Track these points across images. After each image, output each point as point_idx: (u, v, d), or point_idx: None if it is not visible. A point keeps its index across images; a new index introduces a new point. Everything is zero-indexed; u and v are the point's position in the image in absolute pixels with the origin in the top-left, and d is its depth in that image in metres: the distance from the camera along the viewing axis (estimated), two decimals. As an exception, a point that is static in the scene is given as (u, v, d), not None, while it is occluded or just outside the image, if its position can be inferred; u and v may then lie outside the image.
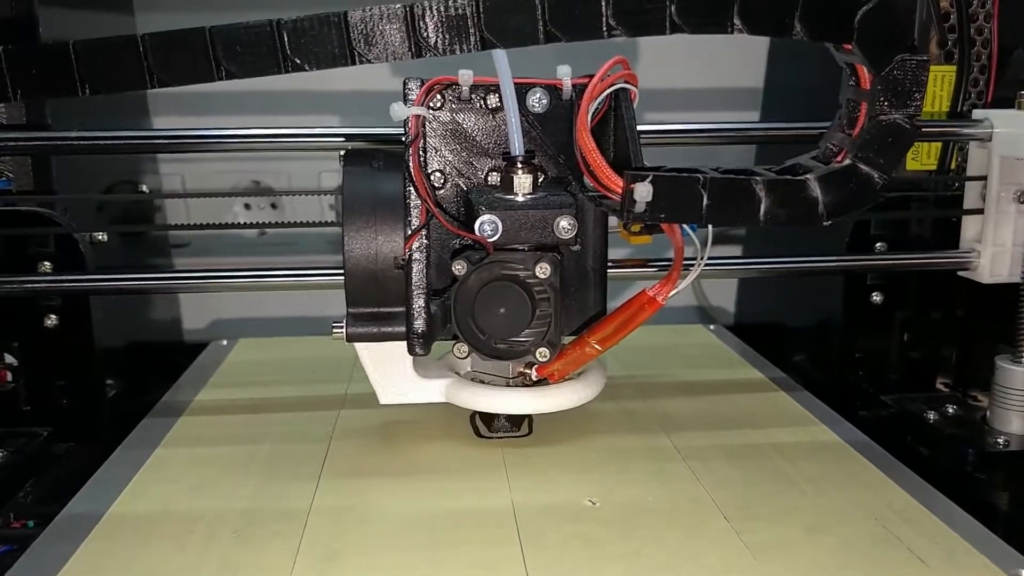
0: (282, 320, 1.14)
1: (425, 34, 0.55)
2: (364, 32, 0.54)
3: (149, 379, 0.91)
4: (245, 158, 1.13)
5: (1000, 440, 0.72)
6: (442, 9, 0.54)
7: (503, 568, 0.51)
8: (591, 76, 0.63)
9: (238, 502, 0.60)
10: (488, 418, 0.69)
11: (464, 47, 0.55)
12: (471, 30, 0.55)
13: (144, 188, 1.05)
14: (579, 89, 0.64)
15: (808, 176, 0.58)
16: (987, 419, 0.75)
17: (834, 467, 0.65)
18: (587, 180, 0.62)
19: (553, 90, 0.65)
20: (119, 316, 0.90)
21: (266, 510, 0.58)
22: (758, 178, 0.58)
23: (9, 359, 0.80)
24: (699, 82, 1.17)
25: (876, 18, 0.56)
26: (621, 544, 0.54)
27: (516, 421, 0.70)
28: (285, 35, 0.54)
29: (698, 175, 0.57)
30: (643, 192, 0.56)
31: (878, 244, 0.86)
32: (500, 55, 0.61)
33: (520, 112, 0.64)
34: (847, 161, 0.59)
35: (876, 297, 0.87)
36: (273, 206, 1.19)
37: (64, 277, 0.76)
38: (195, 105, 1.07)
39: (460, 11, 0.54)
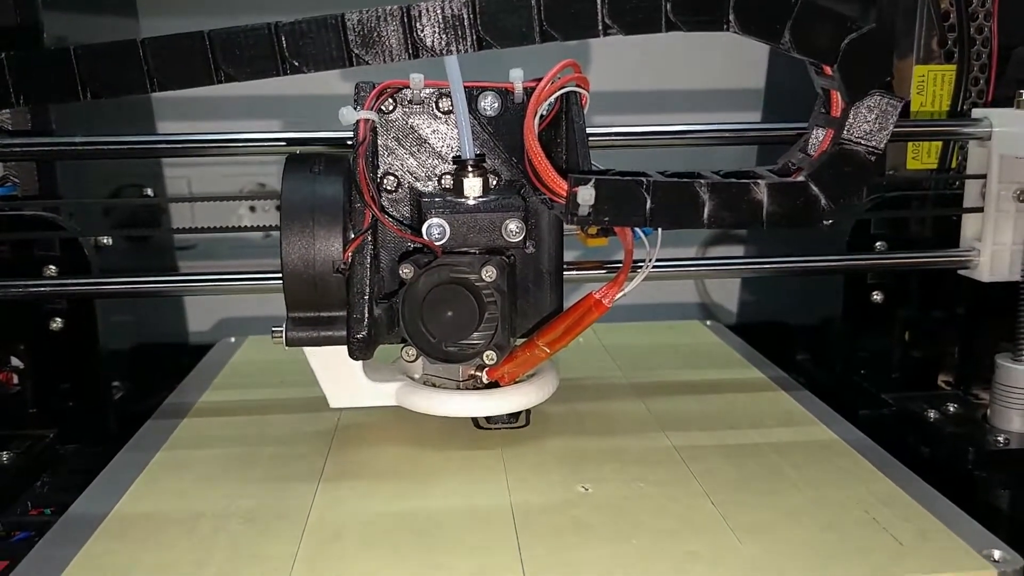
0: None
1: (422, 35, 0.55)
2: (361, 34, 0.55)
3: (155, 381, 0.92)
4: (250, 161, 1.14)
5: (1001, 438, 0.72)
6: (438, 10, 0.55)
7: (499, 566, 0.52)
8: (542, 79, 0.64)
9: (240, 503, 0.60)
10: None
11: (460, 47, 0.56)
12: (467, 30, 0.55)
13: (149, 192, 1.06)
14: (530, 92, 0.64)
15: (757, 180, 0.59)
16: (988, 417, 0.75)
17: (826, 462, 0.65)
18: (535, 184, 0.62)
19: (505, 93, 0.66)
20: (124, 319, 0.90)
21: (267, 510, 0.59)
22: (702, 181, 0.58)
23: (15, 362, 0.80)
24: (700, 83, 1.18)
25: (862, 47, 0.57)
26: (610, 528, 0.56)
27: (514, 413, 0.70)
28: (283, 38, 0.55)
29: (641, 178, 0.57)
30: (586, 195, 0.56)
31: (878, 243, 0.86)
32: (451, 59, 0.61)
33: (472, 115, 0.64)
34: (800, 178, 0.59)
35: (876, 296, 0.87)
36: (278, 208, 1.19)
37: (69, 281, 0.77)
38: (200, 109, 1.07)
39: (456, 12, 0.55)
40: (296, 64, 0.55)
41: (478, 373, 0.67)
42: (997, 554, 0.52)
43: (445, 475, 0.64)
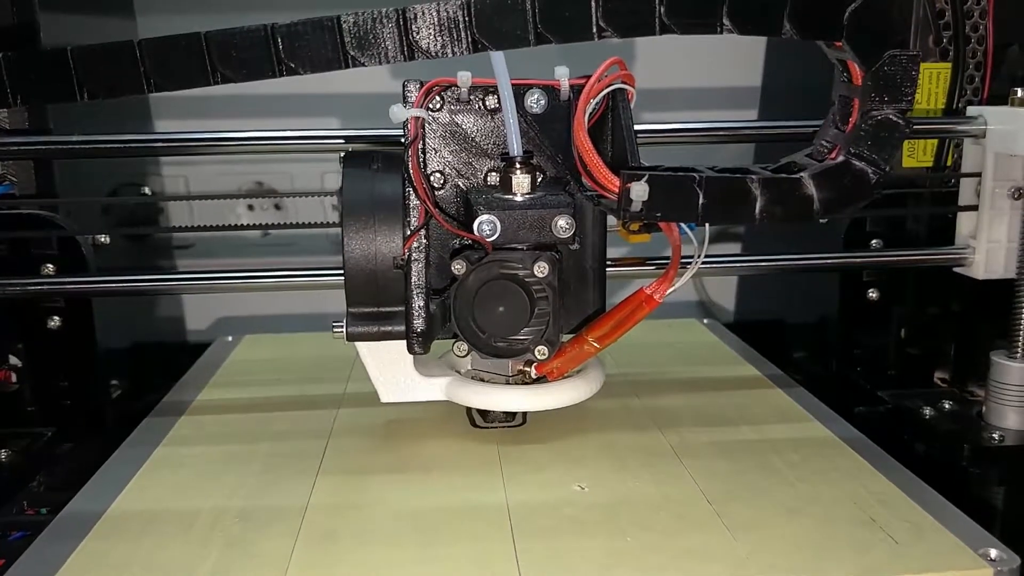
0: (285, 319, 1.15)
1: (417, 37, 0.55)
2: (357, 36, 0.55)
3: (153, 379, 0.92)
4: (248, 160, 1.14)
5: (995, 435, 0.72)
6: (434, 12, 0.55)
7: (495, 563, 0.52)
8: (588, 77, 0.64)
9: (236, 499, 0.60)
10: (483, 409, 0.70)
11: (455, 50, 0.56)
12: (462, 33, 0.55)
13: (147, 190, 1.06)
14: (577, 90, 0.65)
15: (803, 174, 0.59)
16: (983, 414, 0.76)
17: (822, 459, 0.66)
18: (584, 180, 0.62)
19: (551, 91, 0.66)
20: (122, 317, 0.91)
21: (264, 507, 0.59)
22: (753, 176, 0.58)
23: (14, 360, 0.80)
24: (697, 81, 1.18)
25: (864, 15, 0.56)
26: (606, 526, 0.56)
27: (511, 412, 0.71)
28: (279, 39, 0.55)
29: (694, 174, 0.57)
30: (639, 191, 0.56)
31: (874, 241, 0.86)
32: (498, 57, 0.61)
33: (518, 113, 0.64)
34: (840, 158, 0.59)
35: (872, 294, 0.87)
36: (276, 207, 1.20)
37: (66, 279, 0.77)
38: (197, 108, 1.07)
39: (451, 14, 0.55)
40: (292, 66, 0.55)
41: (526, 368, 0.67)
42: (993, 553, 0.52)
43: (442, 472, 0.64)
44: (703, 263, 0.86)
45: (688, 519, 0.57)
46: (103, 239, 0.82)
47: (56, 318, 0.79)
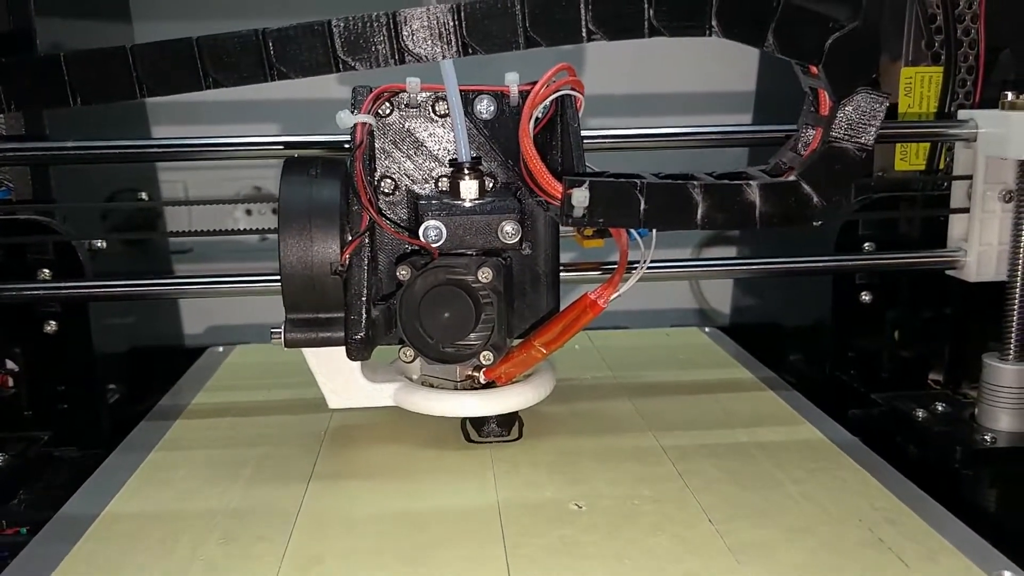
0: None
1: (407, 41, 0.56)
2: (348, 40, 0.55)
3: (151, 384, 0.92)
4: (247, 165, 1.14)
5: (988, 437, 0.72)
6: (424, 16, 0.55)
7: (487, 568, 0.52)
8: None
9: (229, 503, 0.60)
10: (478, 423, 0.70)
11: (446, 53, 0.56)
12: (453, 36, 0.56)
13: (143, 196, 1.06)
14: (526, 95, 0.65)
15: (749, 182, 0.59)
16: (976, 416, 0.76)
17: (820, 469, 0.65)
18: (530, 186, 0.62)
19: (501, 97, 0.67)
20: (119, 322, 0.91)
21: (256, 511, 0.59)
22: (695, 183, 0.59)
23: (10, 365, 0.81)
24: (691, 86, 1.18)
25: (845, 46, 0.57)
26: (604, 547, 0.54)
27: (506, 425, 0.70)
28: (270, 44, 0.55)
29: (635, 180, 0.58)
30: (580, 197, 0.57)
31: (866, 244, 0.86)
32: (447, 63, 0.62)
33: (467, 119, 0.65)
34: (792, 178, 0.60)
35: (865, 296, 0.88)
36: (274, 211, 1.20)
37: (63, 284, 0.77)
38: (196, 114, 1.08)
39: (442, 18, 0.55)
40: (283, 70, 0.56)
41: (475, 373, 0.67)
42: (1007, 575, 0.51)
43: (435, 477, 0.64)
44: (699, 266, 0.87)
45: (689, 541, 0.55)
46: (99, 244, 0.82)
47: (52, 323, 0.80)
